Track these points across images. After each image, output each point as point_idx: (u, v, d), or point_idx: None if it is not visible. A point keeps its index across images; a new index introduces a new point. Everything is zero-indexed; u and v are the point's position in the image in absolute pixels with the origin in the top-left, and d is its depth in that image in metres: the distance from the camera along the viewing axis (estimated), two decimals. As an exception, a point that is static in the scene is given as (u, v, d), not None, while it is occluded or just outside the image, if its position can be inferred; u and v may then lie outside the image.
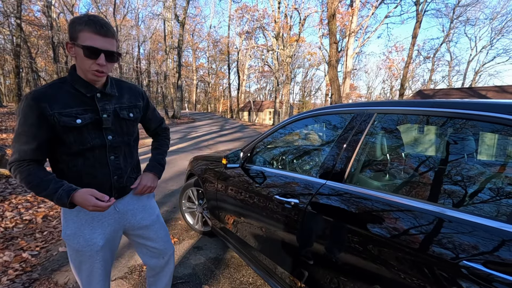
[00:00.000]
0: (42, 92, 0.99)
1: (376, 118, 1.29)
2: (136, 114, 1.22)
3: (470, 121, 1.04)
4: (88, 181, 1.09)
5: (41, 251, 2.41)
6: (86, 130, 1.05)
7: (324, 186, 1.32)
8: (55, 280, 2.02)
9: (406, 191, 1.28)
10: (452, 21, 25.00)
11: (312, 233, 1.33)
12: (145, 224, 1.30)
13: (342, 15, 19.77)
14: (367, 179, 1.37)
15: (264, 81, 48.10)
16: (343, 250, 1.17)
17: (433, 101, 1.13)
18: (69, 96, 1.03)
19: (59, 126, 0.99)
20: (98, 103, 1.07)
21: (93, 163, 1.09)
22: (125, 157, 1.18)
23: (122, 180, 1.18)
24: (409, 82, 35.99)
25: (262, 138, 1.98)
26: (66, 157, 1.06)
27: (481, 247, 0.80)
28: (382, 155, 1.46)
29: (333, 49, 11.07)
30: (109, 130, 1.11)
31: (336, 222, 1.20)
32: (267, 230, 1.64)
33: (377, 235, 1.03)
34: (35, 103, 0.97)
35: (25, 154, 0.99)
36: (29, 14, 25.72)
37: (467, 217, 0.87)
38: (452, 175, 1.15)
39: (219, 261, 2.34)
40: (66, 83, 1.05)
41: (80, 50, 0.97)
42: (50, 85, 1.03)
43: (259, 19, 25.12)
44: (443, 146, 1.35)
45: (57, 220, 3.02)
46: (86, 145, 1.05)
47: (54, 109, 0.99)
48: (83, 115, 1.03)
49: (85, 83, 1.05)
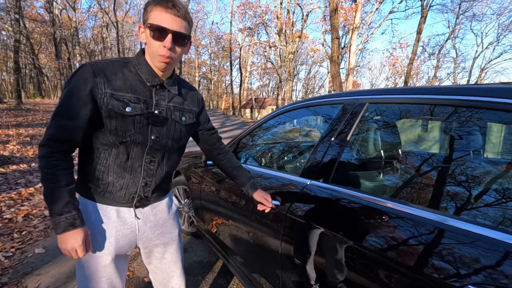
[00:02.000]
0: (101, 67, 0.88)
1: (368, 109, 1.12)
2: (188, 120, 1.07)
3: (480, 111, 0.86)
4: (113, 180, 0.94)
5: (16, 253, 2.27)
6: (132, 121, 0.91)
7: (308, 186, 1.16)
8: (24, 285, 1.88)
9: (402, 194, 1.10)
10: (458, 16, 24.51)
11: (295, 239, 1.16)
12: (162, 241, 1.12)
13: (345, 11, 19.43)
14: (356, 179, 1.19)
15: (266, 78, 47.85)
16: (327, 259, 1.00)
17: (435, 87, 0.95)
18: (127, 79, 0.91)
19: (106, 108, 0.87)
20: (154, 96, 0.95)
21: (126, 161, 0.94)
22: (161, 163, 1.02)
23: (148, 188, 1.00)
24: (413, 79, 35.49)
25: (246, 133, 1.81)
26: (101, 146, 0.92)
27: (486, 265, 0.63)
28: (375, 152, 1.28)
29: (335, 45, 10.84)
30: (155, 129, 0.96)
31: (319, 227, 1.03)
32: (249, 235, 1.48)
33: (362, 244, 0.86)
34: (91, 76, 0.85)
35: (64, 130, 0.85)
36: (32, 10, 25.72)
37: (472, 227, 0.70)
38: (457, 176, 0.97)
39: (203, 265, 2.19)
40: (130, 64, 0.93)
41: (147, 31, 0.86)
42: (112, 61, 0.92)
43: (261, 15, 24.83)
44: (447, 142, 1.17)
45: (39, 219, 2.89)
46: (127, 138, 0.91)
47: (108, 88, 0.87)
48: (135, 104, 0.91)
49: (150, 70, 0.93)
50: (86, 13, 32.35)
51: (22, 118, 9.04)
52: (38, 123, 8.55)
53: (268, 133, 2.15)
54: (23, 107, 11.39)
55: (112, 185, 0.94)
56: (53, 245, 2.42)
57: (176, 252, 1.18)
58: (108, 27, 32.27)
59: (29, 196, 3.45)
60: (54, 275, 1.99)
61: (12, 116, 9.01)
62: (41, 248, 2.34)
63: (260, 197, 1.23)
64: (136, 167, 0.96)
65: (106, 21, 30.90)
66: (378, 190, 1.19)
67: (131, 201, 0.99)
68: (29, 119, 9.13)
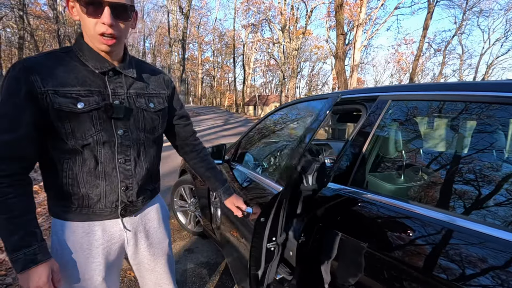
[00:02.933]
0: (36, 62, 0.73)
1: (390, 106, 1.05)
2: (159, 105, 0.93)
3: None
4: (86, 191, 0.81)
5: (21, 252, 2.24)
6: (88, 118, 0.77)
7: (324, 190, 1.09)
8: (29, 286, 1.84)
9: (426, 198, 1.04)
10: (465, 12, 24.11)
11: (302, 241, 1.10)
12: (151, 252, 1.03)
13: (350, 7, 19.22)
14: (377, 182, 1.12)
15: (270, 75, 47.63)
16: (335, 260, 0.94)
17: (467, 83, 0.88)
18: (70, 70, 0.76)
19: (53, 109, 0.73)
20: (109, 84, 0.81)
21: (95, 166, 0.81)
22: (139, 160, 0.89)
23: (131, 192, 0.88)
24: (419, 76, 35.13)
25: (249, 131, 1.75)
26: (62, 156, 0.78)
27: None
28: (396, 153, 1.21)
29: (340, 41, 10.70)
30: (121, 123, 0.82)
31: (330, 229, 0.97)
32: (245, 241, 1.42)
33: (389, 259, 0.80)
34: (24, 75, 0.71)
35: (8, 149, 0.71)
36: (36, 7, 25.79)
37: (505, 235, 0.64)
38: (491, 180, 0.90)
39: (210, 266, 2.14)
40: (71, 53, 0.79)
41: (77, 6, 0.71)
42: (48, 53, 0.77)
43: (265, 11, 24.63)
44: (474, 141, 1.10)
45: (44, 218, 2.86)
46: (88, 139, 0.78)
47: (48, 86, 0.72)
48: (88, 98, 0.76)
49: (96, 54, 0.78)
50: (90, 10, 32.43)
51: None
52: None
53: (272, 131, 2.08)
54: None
55: (88, 197, 0.82)
56: (57, 244, 2.39)
57: (167, 263, 1.09)
58: (111, 24, 32.29)
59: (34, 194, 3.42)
60: (59, 276, 1.96)
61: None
62: (45, 248, 2.31)
63: (230, 204, 1.15)
64: (110, 170, 0.83)
65: (109, 18, 30.91)
66: (399, 193, 1.12)
67: (115, 211, 0.87)
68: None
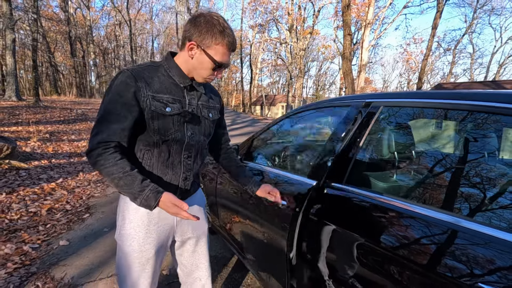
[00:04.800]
0: (139, 72, 0.95)
1: (382, 112, 1.15)
2: (214, 116, 1.16)
3: (493, 115, 0.89)
4: (157, 178, 1.02)
5: (42, 244, 2.41)
6: (171, 120, 0.99)
7: (321, 187, 1.20)
8: (52, 275, 2.00)
9: (417, 195, 1.13)
10: (476, 10, 23.71)
11: (305, 237, 1.21)
12: (195, 234, 1.20)
13: (357, 6, 19.11)
14: (370, 180, 1.23)
15: (277, 75, 47.65)
16: (336, 256, 1.04)
17: (449, 92, 0.98)
18: (163, 82, 0.99)
19: (149, 110, 0.94)
20: (186, 96, 1.03)
21: (167, 158, 1.02)
22: (196, 158, 1.11)
23: (188, 182, 1.10)
24: (428, 75, 34.64)
25: (260, 133, 1.86)
26: (144, 147, 0.99)
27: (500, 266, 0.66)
28: (389, 153, 1.31)
29: (347, 41, 10.71)
30: (190, 126, 1.04)
31: (332, 226, 1.08)
32: (261, 232, 1.54)
33: (375, 244, 0.90)
34: (133, 81, 0.92)
35: (114, 134, 0.90)
36: (48, 9, 26.41)
37: (484, 229, 0.73)
38: (471, 178, 0.99)
39: (218, 260, 2.27)
40: (161, 68, 1.01)
41: (207, 60, 0.96)
42: (146, 66, 0.99)
43: (272, 11, 24.69)
44: (461, 144, 1.19)
45: (61, 213, 3.03)
46: (168, 136, 0.99)
47: (149, 91, 0.94)
48: (173, 104, 0.98)
49: (181, 72, 1.01)
50: (100, 11, 32.99)
51: (40, 115, 9.34)
52: (56, 120, 8.83)
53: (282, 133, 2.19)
54: (41, 104, 11.75)
55: (157, 182, 0.98)
56: (76, 237, 2.55)
57: (206, 245, 1.26)
58: (121, 25, 32.79)
59: (51, 191, 3.61)
60: (78, 266, 2.11)
61: (31, 113, 9.32)
62: (65, 241, 2.47)
63: (263, 193, 1.26)
64: (176, 163, 1.04)
65: (119, 19, 31.39)
66: (391, 190, 1.22)
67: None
68: (47, 116, 9.43)
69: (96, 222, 2.88)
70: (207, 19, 0.93)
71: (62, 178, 4.10)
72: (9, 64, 11.91)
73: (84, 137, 7.27)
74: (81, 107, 13.47)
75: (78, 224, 2.83)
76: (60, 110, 11.19)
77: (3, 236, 2.44)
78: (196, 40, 0.94)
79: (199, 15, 0.95)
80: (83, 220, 2.93)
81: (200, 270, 1.25)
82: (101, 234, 2.62)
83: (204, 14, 0.94)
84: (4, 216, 2.79)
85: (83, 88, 29.03)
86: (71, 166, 4.82)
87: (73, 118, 9.69)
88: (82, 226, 2.79)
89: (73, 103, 15.27)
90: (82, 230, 2.71)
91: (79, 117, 10.27)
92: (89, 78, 31.37)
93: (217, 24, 0.92)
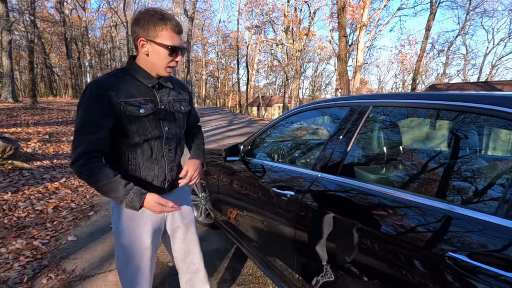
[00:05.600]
0: (107, 81, 1.00)
1: (371, 111, 1.29)
2: (186, 108, 1.24)
3: (470, 115, 1.02)
4: (145, 174, 1.11)
5: (51, 240, 2.51)
6: (147, 120, 1.06)
7: (319, 179, 1.33)
8: (63, 267, 2.10)
9: (401, 185, 1.27)
10: (468, 12, 24.13)
11: (307, 225, 1.34)
12: (183, 223, 1.30)
13: (353, 8, 19.37)
14: (362, 172, 1.36)
15: (273, 76, 47.84)
16: (336, 242, 1.17)
17: (429, 94, 1.12)
18: (131, 86, 1.04)
19: (125, 115, 1.01)
20: (157, 94, 1.10)
21: (151, 155, 1.10)
22: (176, 149, 1.20)
23: (173, 173, 1.20)
24: (422, 76, 35.09)
25: (262, 132, 1.99)
26: (126, 149, 1.06)
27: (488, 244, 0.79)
28: (378, 148, 1.45)
29: (343, 43, 10.91)
30: (165, 122, 1.13)
31: (330, 214, 1.21)
32: (265, 222, 1.67)
33: (370, 228, 1.04)
34: (103, 91, 0.97)
35: (92, 144, 0.97)
36: (43, 10, 26.26)
37: (459, 210, 0.87)
38: (451, 174, 1.13)
39: (221, 253, 2.39)
40: (127, 73, 1.07)
41: (160, 49, 1.01)
42: (111, 74, 1.05)
43: (268, 13, 24.88)
44: (445, 141, 1.34)
45: (67, 211, 3.13)
46: (147, 135, 1.07)
47: (121, 98, 1.00)
48: (146, 105, 1.05)
49: (147, 73, 1.07)
50: (96, 12, 32.88)
51: (38, 116, 9.38)
52: (54, 122, 8.87)
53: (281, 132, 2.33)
54: (38, 106, 11.75)
55: (145, 178, 1.10)
56: (84, 233, 2.65)
57: (195, 232, 1.37)
58: (117, 27, 32.72)
59: (55, 190, 3.70)
60: (88, 260, 2.22)
61: (29, 114, 9.35)
62: (73, 236, 2.57)
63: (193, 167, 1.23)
64: (160, 157, 1.13)
65: (115, 20, 31.34)
66: (380, 181, 1.36)
67: (162, 188, 1.17)
68: (45, 117, 9.47)
69: (101, 219, 2.98)
70: (144, 13, 0.99)
71: (64, 178, 4.19)
72: (5, 66, 11.91)
73: (83, 138, 7.33)
74: (78, 109, 13.46)
75: (84, 221, 2.93)
76: (58, 112, 11.22)
77: (13, 232, 2.54)
78: (143, 36, 1.00)
79: (137, 14, 1.01)
80: (89, 218, 3.03)
81: (192, 254, 1.35)
82: (107, 230, 2.73)
83: (141, 11, 1.01)
84: (11, 214, 2.89)
85: (78, 89, 28.92)
86: (73, 166, 4.90)
87: (71, 120, 9.72)
88: (88, 223, 2.89)
89: (70, 105, 15.26)
90: (88, 226, 2.81)
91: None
92: (84, 80, 31.25)
93: (154, 14, 0.98)
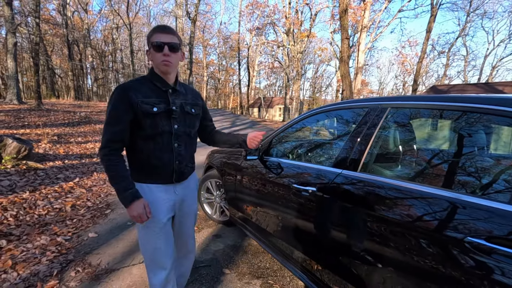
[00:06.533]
0: (129, 85, 1.25)
1: (389, 112, 1.39)
2: (197, 111, 1.45)
3: (483, 115, 1.12)
4: (155, 163, 1.31)
5: (73, 237, 2.61)
6: (159, 117, 1.27)
7: (341, 175, 1.44)
8: (88, 262, 2.20)
9: (416, 179, 1.38)
10: (469, 14, 24.29)
11: (327, 218, 1.44)
12: (187, 211, 1.50)
13: (354, 10, 19.50)
14: (380, 169, 1.47)
15: (274, 77, 47.99)
16: (356, 234, 1.28)
17: (445, 96, 1.22)
18: (149, 89, 1.28)
19: (140, 111, 1.23)
20: (170, 97, 1.32)
21: (161, 147, 1.30)
22: (186, 146, 1.39)
23: (182, 165, 1.38)
24: (423, 77, 35.24)
25: (279, 132, 2.10)
26: (140, 141, 1.28)
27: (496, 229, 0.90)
28: (394, 147, 1.56)
29: (345, 45, 11.02)
30: (175, 120, 1.33)
31: (350, 208, 1.31)
32: (284, 217, 1.77)
33: (389, 219, 1.14)
34: (125, 93, 1.22)
35: (115, 135, 1.22)
36: (45, 13, 26.42)
37: (470, 199, 0.97)
38: (463, 167, 1.24)
39: (237, 248, 2.49)
40: (146, 79, 1.31)
41: (151, 50, 1.24)
42: (134, 80, 1.30)
43: (269, 15, 24.99)
44: (454, 139, 1.44)
45: (85, 209, 3.23)
46: (158, 130, 1.27)
47: (138, 98, 1.23)
48: (159, 105, 1.27)
49: (161, 79, 1.30)
50: (97, 14, 33.07)
51: (45, 118, 9.48)
52: (61, 123, 8.98)
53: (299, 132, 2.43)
54: (43, 107, 11.87)
55: (156, 166, 1.31)
56: (103, 230, 2.76)
57: (193, 220, 1.58)
58: (118, 29, 32.91)
59: (70, 189, 3.80)
60: (111, 254, 2.32)
61: (35, 116, 9.46)
62: (93, 233, 2.67)
63: (251, 140, 1.59)
64: (169, 150, 1.32)
65: (116, 22, 31.51)
66: (396, 176, 1.46)
67: (171, 177, 1.35)
68: (52, 119, 9.57)
69: (119, 217, 3.08)
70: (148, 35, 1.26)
71: (78, 177, 4.29)
72: (10, 68, 12.02)
73: (90, 139, 7.44)
74: (83, 110, 13.61)
75: (102, 219, 3.03)
76: (63, 113, 11.33)
77: (36, 229, 2.64)
78: (147, 47, 1.27)
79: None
80: (106, 215, 3.13)
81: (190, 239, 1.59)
82: (126, 227, 2.83)
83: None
84: (32, 212, 2.99)
85: (80, 91, 29.06)
86: (84, 166, 5.01)
87: (77, 121, 9.85)
88: (106, 221, 2.99)
89: (74, 106, 15.38)
90: (107, 224, 2.92)
91: (83, 119, 10.41)
92: (86, 81, 31.42)
93: (150, 31, 1.24)
